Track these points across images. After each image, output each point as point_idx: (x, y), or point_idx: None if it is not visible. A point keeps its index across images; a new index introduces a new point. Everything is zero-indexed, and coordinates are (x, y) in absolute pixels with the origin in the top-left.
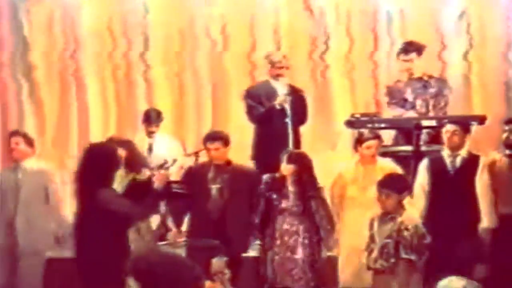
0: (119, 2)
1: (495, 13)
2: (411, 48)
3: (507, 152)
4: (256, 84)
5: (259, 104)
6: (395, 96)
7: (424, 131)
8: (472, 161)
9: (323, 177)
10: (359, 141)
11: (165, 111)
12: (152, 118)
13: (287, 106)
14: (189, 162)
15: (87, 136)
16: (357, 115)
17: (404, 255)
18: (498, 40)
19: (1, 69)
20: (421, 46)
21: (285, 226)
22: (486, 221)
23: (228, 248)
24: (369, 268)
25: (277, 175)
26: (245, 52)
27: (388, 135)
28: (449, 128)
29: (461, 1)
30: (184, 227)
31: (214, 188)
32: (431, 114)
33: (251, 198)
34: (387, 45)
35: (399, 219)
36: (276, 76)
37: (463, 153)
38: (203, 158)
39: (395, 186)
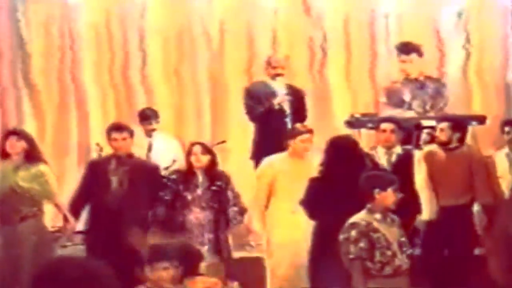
0: (118, 2)
1: (494, 13)
2: (412, 48)
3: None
4: (255, 84)
5: (258, 104)
6: (393, 97)
7: (424, 131)
8: (407, 156)
9: None
10: (292, 135)
11: (164, 112)
12: (149, 116)
13: (286, 106)
14: None
15: (87, 139)
16: (357, 115)
17: (409, 253)
18: (497, 40)
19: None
20: (417, 45)
21: (194, 219)
22: (425, 213)
23: (125, 240)
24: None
25: (184, 167)
26: (243, 52)
27: None
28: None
29: (460, 1)
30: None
31: (114, 179)
32: (430, 114)
33: (152, 190)
34: (386, 46)
35: (395, 217)
36: (274, 76)
37: (397, 149)
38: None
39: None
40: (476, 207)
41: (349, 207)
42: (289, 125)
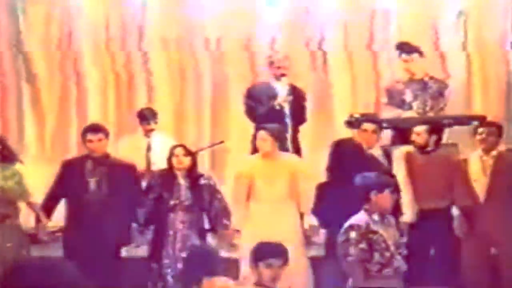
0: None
1: (494, 12)
2: (413, 48)
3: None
4: (256, 84)
5: (259, 104)
6: (394, 97)
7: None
8: (385, 156)
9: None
10: (255, 137)
11: (164, 112)
12: (147, 116)
13: (287, 107)
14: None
15: None
16: (356, 115)
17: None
18: (497, 39)
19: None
20: (419, 47)
21: (178, 222)
22: (407, 214)
23: (108, 242)
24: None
25: (165, 169)
26: (243, 52)
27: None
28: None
29: (460, 1)
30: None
31: (91, 180)
32: (430, 114)
33: (131, 191)
34: (387, 46)
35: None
36: (277, 76)
37: (376, 150)
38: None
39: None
40: (455, 211)
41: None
42: (289, 125)
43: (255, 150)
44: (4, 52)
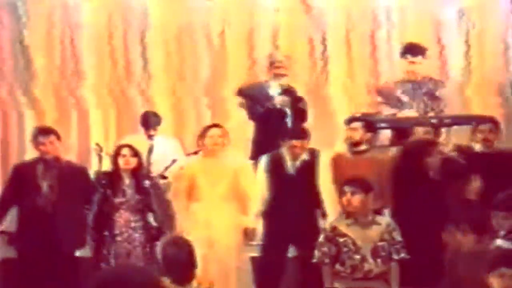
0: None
1: (495, 12)
2: (420, 50)
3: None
4: (252, 85)
5: (256, 103)
6: (387, 97)
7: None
8: (312, 158)
9: None
10: (201, 134)
11: (164, 110)
12: (150, 123)
13: (287, 107)
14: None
15: (87, 139)
16: (357, 115)
17: (397, 257)
18: (498, 38)
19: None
20: (425, 48)
21: (123, 222)
22: (330, 217)
23: (62, 245)
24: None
25: (111, 169)
26: (244, 51)
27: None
28: None
29: (460, 0)
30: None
31: (43, 183)
32: (430, 114)
33: (83, 193)
34: (386, 45)
35: (384, 221)
36: (276, 76)
37: (304, 155)
38: None
39: (361, 185)
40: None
41: None
42: (289, 125)
43: (254, 150)
44: (4, 48)
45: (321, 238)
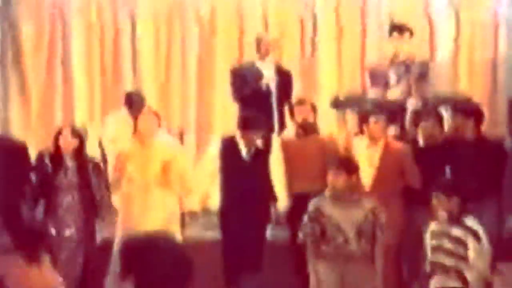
0: None
1: None
2: (405, 28)
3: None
4: (242, 65)
5: (245, 85)
6: (377, 78)
7: (409, 112)
8: (267, 145)
9: None
10: (134, 117)
11: (150, 94)
12: (134, 104)
13: (273, 86)
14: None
15: (72, 119)
16: (341, 97)
17: (381, 237)
18: (488, 22)
19: None
20: (411, 28)
21: (63, 202)
22: (280, 201)
23: None
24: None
25: (52, 149)
26: (233, 34)
27: None
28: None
29: None
30: None
31: None
32: (413, 97)
33: (20, 170)
34: (376, 28)
35: (369, 203)
36: (263, 56)
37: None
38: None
39: (345, 166)
40: None
41: None
42: (275, 105)
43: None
44: None
45: (305, 218)
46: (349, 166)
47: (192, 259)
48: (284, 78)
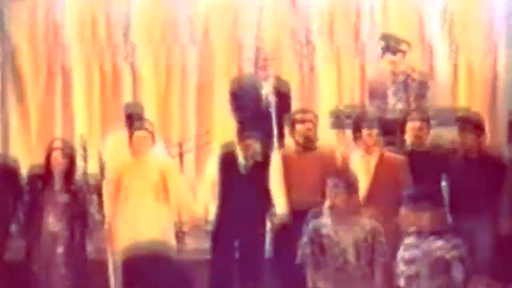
0: None
1: (479, 6)
2: (397, 49)
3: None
4: (241, 84)
5: (244, 107)
6: (377, 92)
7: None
8: (265, 158)
9: None
10: (131, 132)
11: (150, 106)
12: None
13: (272, 99)
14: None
15: (72, 133)
16: (340, 109)
17: (382, 259)
18: (483, 33)
19: None
20: (402, 41)
21: (54, 224)
22: (277, 216)
23: None
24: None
25: (42, 167)
26: (230, 47)
27: None
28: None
29: None
30: None
31: None
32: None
33: (12, 193)
34: (371, 40)
35: (368, 223)
36: (262, 69)
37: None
38: None
39: (344, 184)
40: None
41: None
42: (274, 119)
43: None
44: None
45: (305, 238)
46: (348, 183)
47: (192, 276)
48: (283, 91)
